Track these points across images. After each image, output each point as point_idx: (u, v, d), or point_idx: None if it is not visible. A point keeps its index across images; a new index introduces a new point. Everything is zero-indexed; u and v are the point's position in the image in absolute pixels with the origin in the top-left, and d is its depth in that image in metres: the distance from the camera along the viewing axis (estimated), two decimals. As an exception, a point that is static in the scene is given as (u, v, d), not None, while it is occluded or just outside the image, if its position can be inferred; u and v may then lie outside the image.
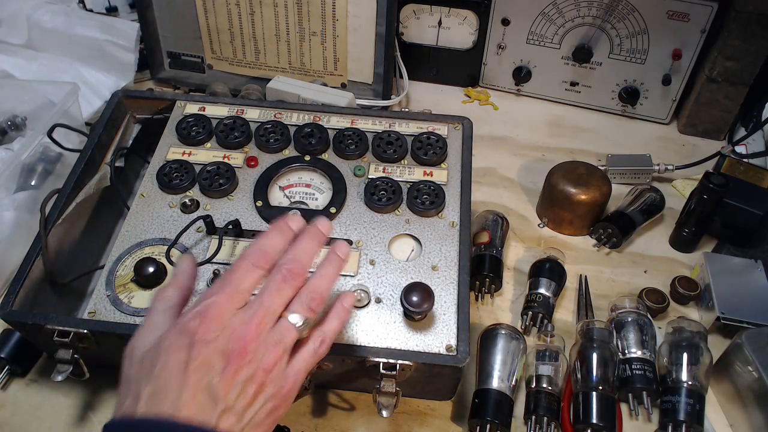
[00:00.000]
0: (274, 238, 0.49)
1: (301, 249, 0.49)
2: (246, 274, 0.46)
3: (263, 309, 0.45)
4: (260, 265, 0.47)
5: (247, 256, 0.47)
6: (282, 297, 0.46)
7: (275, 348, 0.45)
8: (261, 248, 0.48)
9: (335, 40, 0.95)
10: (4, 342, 0.67)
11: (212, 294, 0.45)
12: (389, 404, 0.57)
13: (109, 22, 1.00)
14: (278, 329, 0.46)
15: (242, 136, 0.74)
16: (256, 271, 0.46)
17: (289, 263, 0.47)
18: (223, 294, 0.45)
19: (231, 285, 0.45)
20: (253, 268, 0.46)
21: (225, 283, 0.45)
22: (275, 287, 0.46)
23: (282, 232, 0.50)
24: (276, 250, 0.48)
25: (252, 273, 0.46)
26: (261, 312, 0.45)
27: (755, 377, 0.62)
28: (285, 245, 0.49)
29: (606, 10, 0.92)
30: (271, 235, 0.49)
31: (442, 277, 0.64)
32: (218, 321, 0.43)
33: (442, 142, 0.74)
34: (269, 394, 0.44)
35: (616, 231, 0.80)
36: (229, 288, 0.45)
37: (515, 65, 1.03)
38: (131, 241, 0.66)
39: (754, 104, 0.94)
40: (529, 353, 0.68)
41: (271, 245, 0.48)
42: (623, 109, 1.02)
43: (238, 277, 0.46)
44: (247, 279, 0.46)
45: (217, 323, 0.43)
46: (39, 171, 0.81)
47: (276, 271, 0.47)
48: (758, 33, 0.86)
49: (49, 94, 0.85)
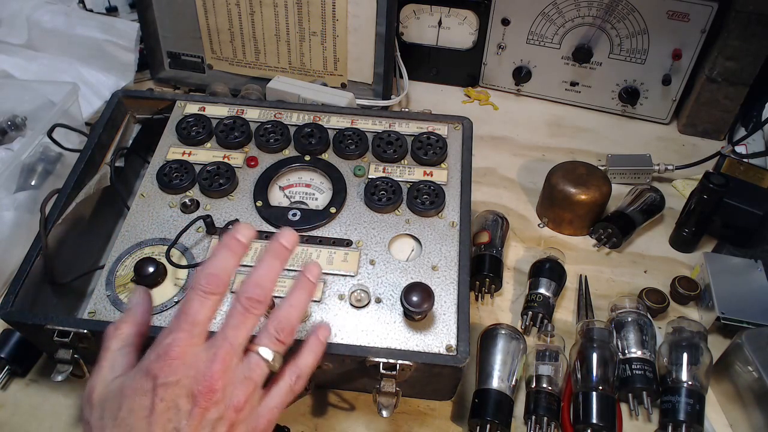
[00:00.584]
0: (223, 258, 0.45)
1: (262, 272, 0.46)
2: (200, 304, 0.43)
3: (227, 344, 0.43)
4: (213, 291, 0.43)
5: (198, 285, 0.43)
6: (246, 329, 0.44)
7: (244, 385, 0.43)
8: (211, 272, 0.44)
9: (335, 40, 0.95)
10: (4, 342, 0.67)
11: (170, 332, 0.42)
12: (389, 404, 0.57)
13: (109, 22, 1.00)
14: (246, 364, 0.44)
15: (242, 136, 0.74)
16: (210, 298, 0.43)
17: (249, 291, 0.44)
18: (181, 331, 0.42)
19: (187, 319, 0.43)
20: (205, 296, 0.43)
21: (181, 318, 0.43)
22: (237, 320, 0.44)
23: (231, 249, 0.46)
24: (227, 271, 0.45)
25: (206, 302, 0.43)
26: (225, 347, 0.42)
27: (755, 377, 0.62)
28: (237, 263, 0.46)
29: (606, 10, 0.92)
30: (219, 255, 0.45)
31: (442, 277, 0.64)
32: (181, 360, 0.41)
33: (442, 142, 0.74)
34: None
35: (616, 231, 0.80)
36: (185, 324, 0.42)
37: (515, 65, 1.03)
38: (131, 241, 0.66)
39: (754, 104, 0.94)
40: (529, 353, 0.68)
41: (221, 267, 0.45)
42: (623, 109, 1.02)
43: (193, 309, 0.43)
44: (202, 310, 0.43)
45: (179, 363, 0.41)
46: (39, 171, 0.81)
47: (236, 301, 0.44)
48: (758, 33, 0.86)
49: (49, 94, 0.85)
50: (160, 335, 0.43)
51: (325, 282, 0.63)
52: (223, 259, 0.45)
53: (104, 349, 0.46)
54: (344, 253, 0.65)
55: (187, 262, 0.64)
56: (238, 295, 0.45)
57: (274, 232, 0.66)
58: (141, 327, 0.47)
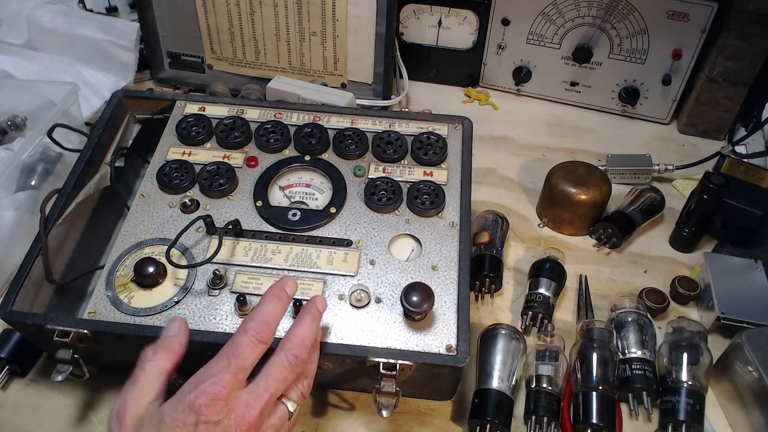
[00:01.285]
0: (273, 307, 0.50)
1: (305, 332, 0.50)
2: (250, 349, 0.47)
3: (268, 395, 0.46)
4: (263, 340, 0.48)
5: (250, 330, 0.48)
6: (286, 384, 0.48)
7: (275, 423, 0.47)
8: (263, 320, 0.49)
9: (335, 40, 0.95)
10: (4, 342, 0.67)
11: (218, 371, 0.45)
12: (389, 404, 0.57)
13: (109, 22, 1.00)
14: (277, 415, 0.47)
15: (242, 136, 0.74)
16: (259, 346, 0.47)
17: (295, 349, 0.48)
18: (229, 373, 0.45)
19: (236, 362, 0.46)
20: (257, 343, 0.47)
21: (230, 359, 0.46)
22: (282, 374, 0.47)
23: (280, 299, 0.51)
24: (276, 320, 0.50)
25: (256, 348, 0.47)
26: (265, 397, 0.46)
27: (755, 377, 0.62)
28: (283, 313, 0.51)
29: (606, 10, 0.92)
30: (270, 303, 0.50)
31: (442, 277, 0.64)
32: (224, 401, 0.44)
33: (442, 142, 0.74)
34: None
35: (616, 231, 0.80)
36: (234, 366, 0.46)
37: (515, 65, 1.03)
38: (131, 241, 0.66)
39: (754, 104, 0.94)
40: (529, 353, 0.68)
41: (272, 315, 0.49)
42: (623, 109, 1.02)
43: (242, 352, 0.47)
44: (252, 356, 0.47)
45: (222, 403, 0.44)
46: (39, 171, 0.81)
47: (283, 356, 0.48)
48: (758, 33, 0.86)
49: (49, 94, 0.85)
50: (207, 369, 0.46)
51: (325, 282, 0.63)
52: (275, 308, 0.50)
53: (140, 369, 0.48)
54: (344, 253, 0.65)
55: (187, 262, 0.64)
56: (286, 350, 0.48)
57: (274, 232, 0.67)
58: (176, 357, 0.50)
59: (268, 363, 0.48)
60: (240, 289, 0.62)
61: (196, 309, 0.61)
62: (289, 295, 0.52)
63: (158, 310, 0.61)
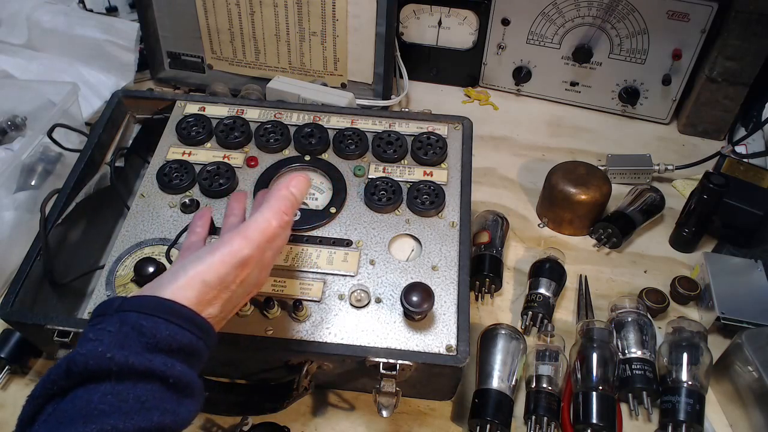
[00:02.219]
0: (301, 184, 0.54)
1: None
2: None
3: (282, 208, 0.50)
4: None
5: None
6: (287, 214, 0.51)
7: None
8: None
9: (335, 40, 0.95)
10: (4, 342, 0.67)
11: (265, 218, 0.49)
12: (389, 404, 0.57)
13: (109, 22, 1.00)
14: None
15: (242, 136, 0.74)
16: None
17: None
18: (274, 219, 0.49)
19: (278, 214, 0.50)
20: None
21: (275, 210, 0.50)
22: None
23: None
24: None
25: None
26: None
27: (755, 377, 0.62)
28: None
29: (606, 10, 0.92)
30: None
31: (442, 277, 0.64)
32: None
33: (442, 142, 0.74)
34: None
35: (616, 231, 0.80)
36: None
37: (515, 65, 1.03)
38: (131, 241, 0.66)
39: (754, 104, 0.94)
40: (529, 353, 0.68)
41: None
42: (623, 109, 1.02)
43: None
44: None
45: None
46: (39, 171, 0.81)
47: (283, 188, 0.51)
48: (758, 33, 0.86)
49: (49, 94, 0.85)
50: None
51: (325, 282, 0.63)
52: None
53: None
54: (344, 253, 0.65)
55: (187, 262, 0.64)
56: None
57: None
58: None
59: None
60: (240, 289, 0.62)
61: (196, 309, 0.61)
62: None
63: (158, 310, 0.61)
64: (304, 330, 0.60)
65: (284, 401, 0.61)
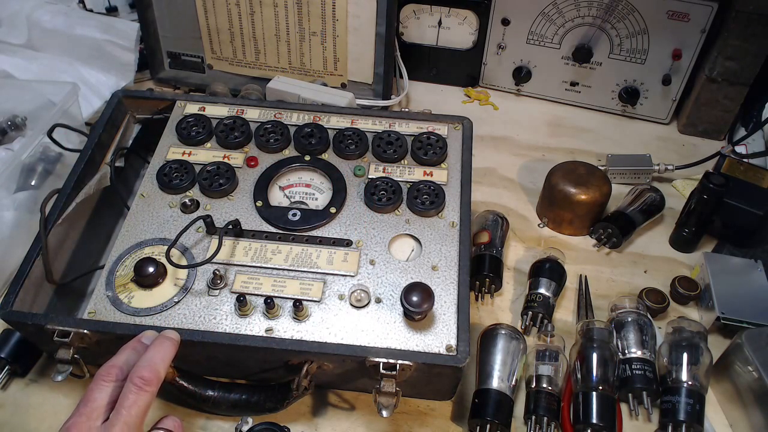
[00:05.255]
0: (123, 353, 0.52)
1: (153, 353, 0.51)
2: (97, 390, 0.48)
3: (122, 423, 0.47)
4: (109, 379, 0.49)
5: (97, 375, 0.49)
6: (140, 409, 0.48)
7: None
8: (109, 364, 0.50)
9: (335, 40, 0.95)
10: (4, 342, 0.67)
11: (71, 417, 0.47)
12: (389, 404, 0.57)
13: (109, 22, 1.00)
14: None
15: (242, 136, 0.74)
16: (105, 384, 0.49)
17: (140, 371, 0.49)
18: (79, 414, 0.47)
19: (85, 404, 0.48)
20: (102, 383, 0.49)
21: (80, 405, 0.48)
22: (130, 399, 0.48)
23: (134, 348, 0.53)
24: (126, 362, 0.51)
25: (102, 387, 0.49)
26: (120, 427, 0.47)
27: (755, 377, 0.62)
28: (136, 357, 0.51)
29: (606, 10, 0.92)
30: (121, 352, 0.52)
31: (442, 277, 0.64)
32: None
33: (442, 142, 0.74)
34: None
35: (616, 231, 0.80)
36: (83, 407, 0.48)
37: (515, 65, 1.03)
38: (131, 241, 0.66)
39: (754, 104, 0.94)
40: (529, 353, 0.68)
41: (120, 359, 0.51)
42: (623, 109, 1.02)
43: (90, 395, 0.48)
44: (99, 395, 0.48)
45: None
46: (39, 171, 0.81)
47: (129, 382, 0.49)
48: (758, 33, 0.86)
49: (49, 94, 0.85)
50: (64, 423, 0.47)
51: (325, 282, 0.63)
52: (125, 354, 0.52)
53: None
54: (344, 253, 0.65)
55: (187, 262, 0.64)
56: (131, 375, 0.49)
57: (274, 232, 0.67)
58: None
59: (120, 397, 0.49)
60: (240, 289, 0.62)
61: (196, 309, 0.61)
62: (145, 344, 0.53)
63: (158, 310, 0.61)
64: (304, 330, 0.60)
65: (284, 401, 0.61)
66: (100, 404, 0.48)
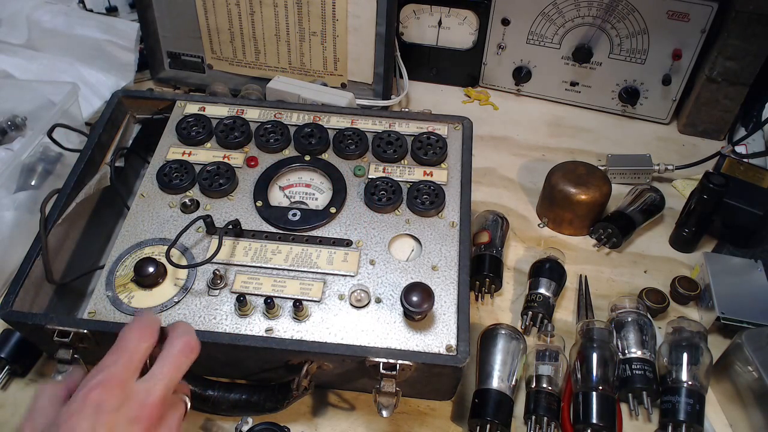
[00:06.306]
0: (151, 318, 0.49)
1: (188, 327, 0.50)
2: (138, 343, 0.46)
3: (166, 380, 0.45)
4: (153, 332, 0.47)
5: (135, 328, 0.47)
6: (180, 372, 0.46)
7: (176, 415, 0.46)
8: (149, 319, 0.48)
9: (335, 40, 0.95)
10: (4, 342, 0.67)
11: (108, 365, 0.44)
12: (389, 404, 0.57)
13: (109, 22, 1.00)
14: (178, 408, 0.47)
15: (242, 136, 0.74)
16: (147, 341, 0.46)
17: (185, 335, 0.48)
18: (119, 365, 0.44)
19: (125, 355, 0.45)
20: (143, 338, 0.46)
21: (119, 354, 0.45)
22: (175, 361, 0.46)
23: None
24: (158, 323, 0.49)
25: (144, 342, 0.46)
26: (163, 383, 0.45)
27: (755, 377, 0.62)
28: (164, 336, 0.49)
29: (606, 10, 0.92)
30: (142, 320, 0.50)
31: (442, 277, 0.64)
32: (119, 388, 0.43)
33: (442, 142, 0.74)
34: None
35: (616, 231, 0.80)
36: (123, 359, 0.45)
37: (515, 65, 1.03)
38: (131, 241, 0.66)
39: (754, 104, 0.94)
40: (529, 353, 0.68)
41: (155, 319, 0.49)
42: (623, 109, 1.02)
43: (132, 347, 0.45)
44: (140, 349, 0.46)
45: (117, 390, 0.42)
46: (39, 171, 0.81)
47: (174, 344, 0.47)
48: (758, 33, 0.86)
49: (49, 94, 0.85)
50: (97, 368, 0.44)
51: (325, 282, 0.63)
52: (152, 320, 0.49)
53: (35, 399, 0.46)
54: (344, 253, 0.65)
55: (187, 262, 0.64)
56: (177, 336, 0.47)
57: (274, 232, 0.67)
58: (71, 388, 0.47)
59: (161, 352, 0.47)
60: (240, 289, 0.62)
61: (196, 309, 0.61)
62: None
63: (158, 310, 0.61)
64: (304, 330, 0.60)
65: (284, 401, 0.61)
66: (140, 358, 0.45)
